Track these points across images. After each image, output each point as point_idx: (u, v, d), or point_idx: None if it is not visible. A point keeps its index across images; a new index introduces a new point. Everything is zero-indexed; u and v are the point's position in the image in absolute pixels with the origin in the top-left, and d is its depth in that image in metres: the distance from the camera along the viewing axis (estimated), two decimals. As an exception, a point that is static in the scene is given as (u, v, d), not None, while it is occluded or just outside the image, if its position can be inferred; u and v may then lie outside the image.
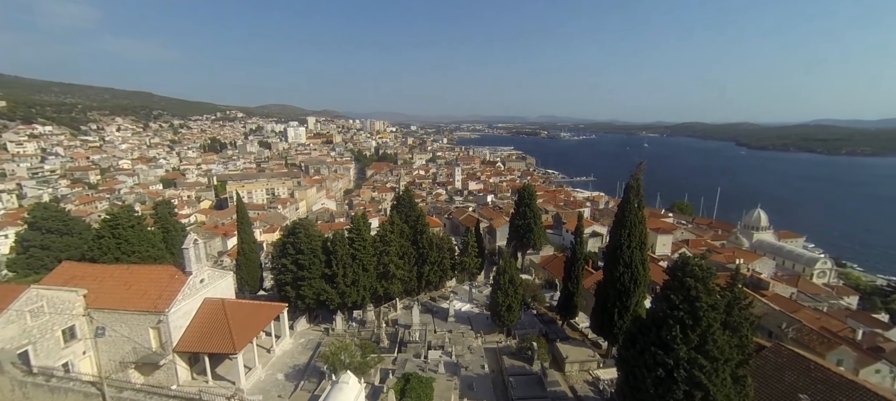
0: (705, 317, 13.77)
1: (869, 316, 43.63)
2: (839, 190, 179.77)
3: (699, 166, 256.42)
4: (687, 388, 13.56)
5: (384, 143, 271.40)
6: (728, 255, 58.11)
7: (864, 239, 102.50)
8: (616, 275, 21.89)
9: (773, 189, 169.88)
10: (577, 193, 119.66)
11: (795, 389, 18.37)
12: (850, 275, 68.18)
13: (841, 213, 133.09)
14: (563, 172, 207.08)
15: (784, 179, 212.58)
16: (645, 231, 22.13)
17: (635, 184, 21.40)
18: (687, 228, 77.55)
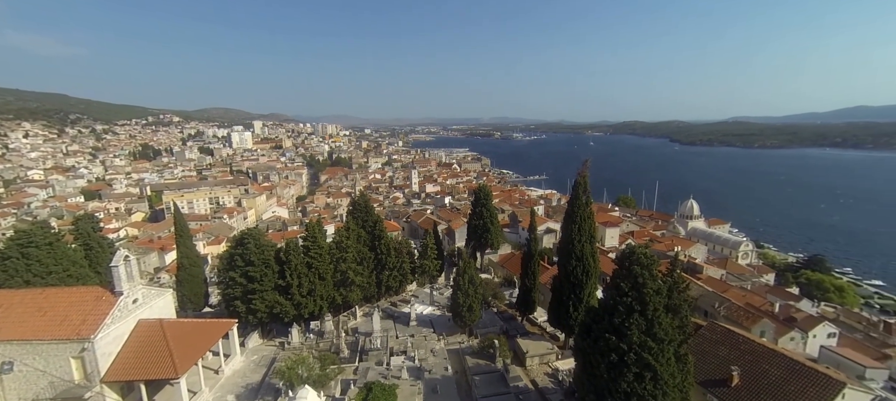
0: (652, 302, 14.74)
1: (783, 290, 49.50)
2: (755, 179, 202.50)
3: (639, 162, 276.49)
4: (637, 370, 14.44)
5: (338, 147, 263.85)
6: (667, 243, 63.14)
7: (776, 221, 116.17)
8: (569, 268, 22.87)
9: (702, 181, 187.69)
10: (530, 192, 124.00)
11: (728, 361, 20.29)
12: (767, 255, 76.88)
13: (757, 199, 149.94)
14: (517, 171, 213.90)
15: (710, 171, 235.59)
16: (594, 225, 23.34)
17: (582, 181, 22.51)
18: (631, 220, 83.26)
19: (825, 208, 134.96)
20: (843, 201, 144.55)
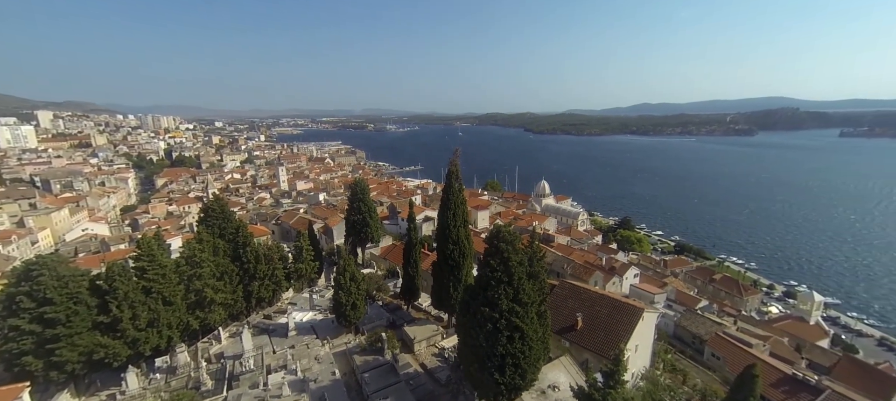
0: (516, 273, 16.94)
1: (607, 247, 62.97)
2: (586, 160, 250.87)
3: (502, 149, 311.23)
4: (509, 333, 16.49)
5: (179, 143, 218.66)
6: (527, 219, 73.08)
7: (600, 192, 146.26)
8: (447, 252, 24.41)
9: (551, 163, 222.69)
10: (408, 183, 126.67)
11: (574, 310, 24.87)
12: (595, 220, 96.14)
13: (588, 175, 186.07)
14: (394, 163, 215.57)
15: (556, 155, 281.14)
16: (466, 210, 25.36)
17: (454, 169, 24.13)
18: (498, 202, 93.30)
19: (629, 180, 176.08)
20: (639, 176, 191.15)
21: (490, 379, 16.64)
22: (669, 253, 75.99)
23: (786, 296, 59.04)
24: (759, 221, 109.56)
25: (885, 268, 73.15)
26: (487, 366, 16.65)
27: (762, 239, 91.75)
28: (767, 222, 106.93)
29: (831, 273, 72.02)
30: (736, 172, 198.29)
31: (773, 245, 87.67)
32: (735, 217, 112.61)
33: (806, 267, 75.04)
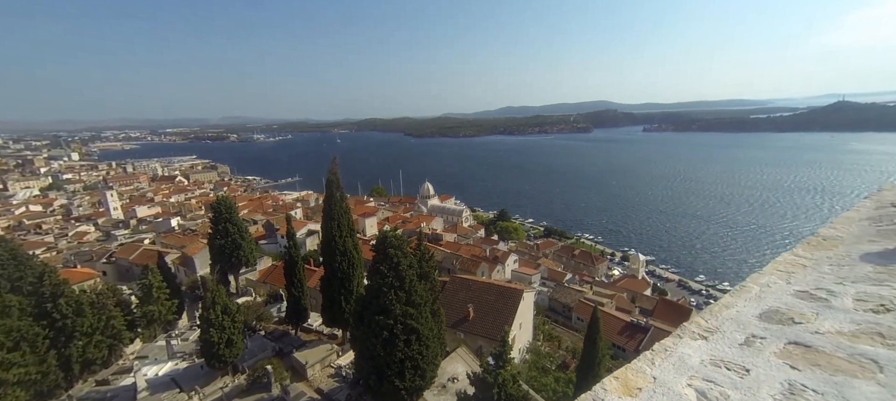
0: (407, 275, 17.02)
1: (490, 239, 68.69)
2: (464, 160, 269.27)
3: (385, 155, 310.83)
4: (405, 337, 16.47)
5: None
6: (415, 221, 74.43)
7: (479, 189, 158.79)
8: (335, 265, 23.09)
9: (433, 165, 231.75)
10: (285, 196, 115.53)
11: (465, 302, 26.36)
12: (478, 215, 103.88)
13: (467, 174, 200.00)
14: (267, 176, 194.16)
15: (437, 157, 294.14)
16: (351, 219, 24.42)
17: (333, 177, 22.98)
18: (385, 207, 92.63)
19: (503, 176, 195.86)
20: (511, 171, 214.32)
21: (390, 387, 16.36)
22: (540, 237, 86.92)
23: (622, 259, 73.73)
24: (602, 201, 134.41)
25: (679, 228, 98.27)
26: (387, 374, 16.32)
27: (605, 215, 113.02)
28: (607, 201, 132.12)
29: (648, 236, 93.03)
30: (582, 162, 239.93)
31: (612, 219, 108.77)
32: (585, 200, 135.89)
33: (633, 234, 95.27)
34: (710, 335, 1.61)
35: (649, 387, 1.31)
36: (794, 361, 1.37)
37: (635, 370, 1.41)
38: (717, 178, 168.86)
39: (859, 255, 2.24)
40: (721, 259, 75.79)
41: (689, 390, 1.28)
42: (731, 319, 1.72)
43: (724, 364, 1.40)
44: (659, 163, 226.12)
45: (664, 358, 1.47)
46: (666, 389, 1.30)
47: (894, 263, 2.01)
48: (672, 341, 1.59)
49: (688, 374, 1.36)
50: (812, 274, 2.08)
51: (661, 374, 1.38)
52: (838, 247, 2.41)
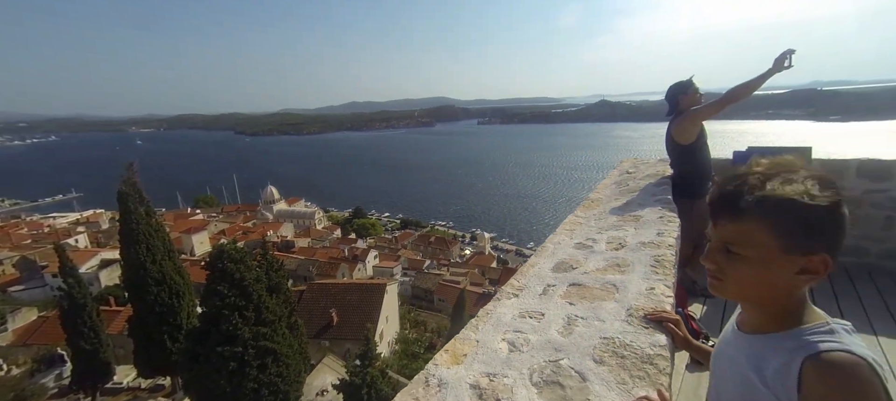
0: (255, 291, 14.94)
1: (347, 238, 66.50)
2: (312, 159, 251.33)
3: (213, 157, 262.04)
4: (260, 361, 14.50)
5: None
6: (260, 230, 65.57)
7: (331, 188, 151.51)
8: (150, 298, 18.36)
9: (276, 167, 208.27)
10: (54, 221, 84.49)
11: (327, 308, 24.93)
12: (333, 216, 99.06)
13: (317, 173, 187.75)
14: (17, 195, 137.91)
15: (280, 157, 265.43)
16: (168, 237, 19.83)
17: (131, 189, 18.15)
18: (218, 219, 78.46)
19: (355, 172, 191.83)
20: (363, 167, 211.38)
21: (245, 424, 14.23)
22: (398, 230, 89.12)
23: (472, 239, 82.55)
24: (451, 189, 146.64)
25: (513, 205, 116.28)
26: (239, 411, 14.10)
27: (454, 202, 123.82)
28: (455, 189, 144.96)
29: (491, 215, 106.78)
30: (430, 155, 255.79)
31: (461, 205, 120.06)
32: (436, 190, 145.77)
33: (479, 215, 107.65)
34: (520, 292, 1.89)
35: (473, 351, 1.45)
36: (571, 298, 1.74)
37: (462, 339, 1.55)
38: (536, 161, 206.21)
39: (610, 210, 3.04)
40: (543, 225, 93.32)
41: (503, 344, 1.47)
42: (535, 275, 2.07)
43: (528, 314, 1.66)
44: (494, 151, 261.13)
45: (486, 321, 1.66)
46: (486, 348, 1.46)
47: (627, 213, 2.84)
48: (492, 304, 1.81)
49: (502, 330, 1.57)
50: (585, 229, 2.71)
51: (483, 336, 1.55)
52: (599, 206, 3.22)
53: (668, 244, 2.17)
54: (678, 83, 3.59)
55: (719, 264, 0.84)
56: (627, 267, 1.95)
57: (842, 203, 0.78)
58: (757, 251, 0.78)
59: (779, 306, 0.83)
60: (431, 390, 1.29)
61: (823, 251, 0.78)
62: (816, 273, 0.79)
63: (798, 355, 0.74)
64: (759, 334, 0.85)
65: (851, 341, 0.74)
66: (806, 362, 0.73)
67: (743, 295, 0.87)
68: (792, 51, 3.00)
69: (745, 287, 0.84)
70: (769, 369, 0.78)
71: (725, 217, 0.82)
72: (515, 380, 1.27)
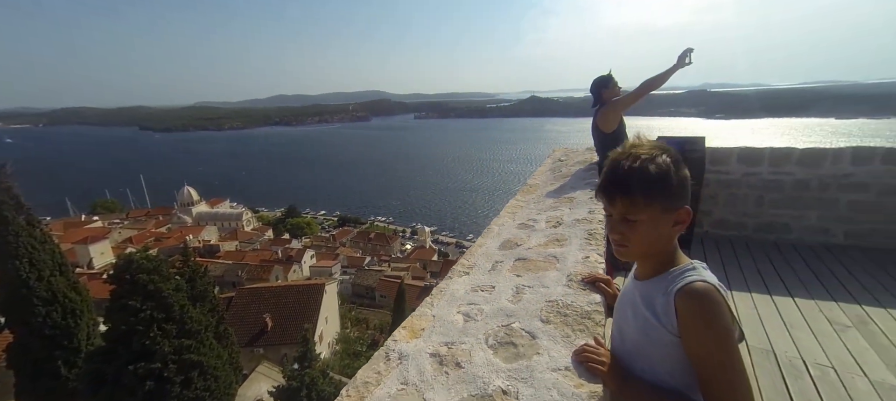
0: (176, 302, 13.43)
1: (280, 239, 62.49)
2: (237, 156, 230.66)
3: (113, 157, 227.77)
4: (183, 376, 13.12)
5: None
6: (178, 236, 58.72)
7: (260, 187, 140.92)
8: (37, 321, 15.56)
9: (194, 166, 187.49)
10: None
11: (260, 314, 23.28)
12: (262, 216, 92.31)
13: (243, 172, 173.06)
14: None
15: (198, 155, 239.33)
16: (57, 249, 16.95)
17: (5, 196, 15.20)
18: (124, 225, 68.60)
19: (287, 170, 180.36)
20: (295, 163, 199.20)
21: (169, 448, 12.81)
22: (335, 227, 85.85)
23: (412, 234, 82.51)
24: (390, 184, 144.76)
25: (453, 198, 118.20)
26: (160, 435, 12.64)
27: (394, 197, 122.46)
28: (394, 184, 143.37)
29: (431, 209, 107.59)
30: (368, 150, 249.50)
31: (400, 200, 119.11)
32: (375, 185, 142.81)
33: (419, 210, 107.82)
34: (471, 270, 2.00)
35: (430, 325, 1.52)
36: (518, 271, 1.88)
37: (419, 315, 1.61)
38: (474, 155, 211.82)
39: (546, 193, 3.29)
40: (482, 217, 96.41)
41: (459, 316, 1.56)
42: (483, 254, 2.19)
43: (480, 288, 1.77)
44: (432, 146, 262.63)
45: (440, 297, 1.73)
46: (443, 321, 1.53)
47: (562, 195, 3.11)
48: (446, 283, 1.89)
49: (457, 304, 1.65)
50: (526, 211, 2.91)
51: (439, 311, 1.62)
52: (537, 191, 3.46)
53: (599, 220, 2.43)
54: (599, 77, 3.98)
55: (623, 233, 1.04)
56: (565, 241, 2.16)
57: (680, 163, 1.01)
58: (647, 215, 0.99)
59: (663, 255, 1.06)
60: (392, 364, 1.33)
61: (685, 204, 1.01)
62: (684, 222, 1.02)
63: (672, 289, 0.97)
64: (649, 279, 1.08)
65: (706, 274, 0.97)
66: (677, 294, 0.95)
67: (643, 253, 1.08)
68: (691, 49, 3.49)
69: (644, 246, 1.05)
70: (658, 306, 1.00)
71: (618, 196, 1.02)
72: (472, 345, 1.36)
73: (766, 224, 5.41)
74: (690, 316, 0.92)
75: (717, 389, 0.89)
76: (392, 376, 1.28)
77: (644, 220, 1.00)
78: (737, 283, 4.22)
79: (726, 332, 0.89)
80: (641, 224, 1.01)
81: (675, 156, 1.02)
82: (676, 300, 0.94)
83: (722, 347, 0.89)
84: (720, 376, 0.88)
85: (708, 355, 0.90)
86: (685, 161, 1.04)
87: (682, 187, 1.01)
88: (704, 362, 0.91)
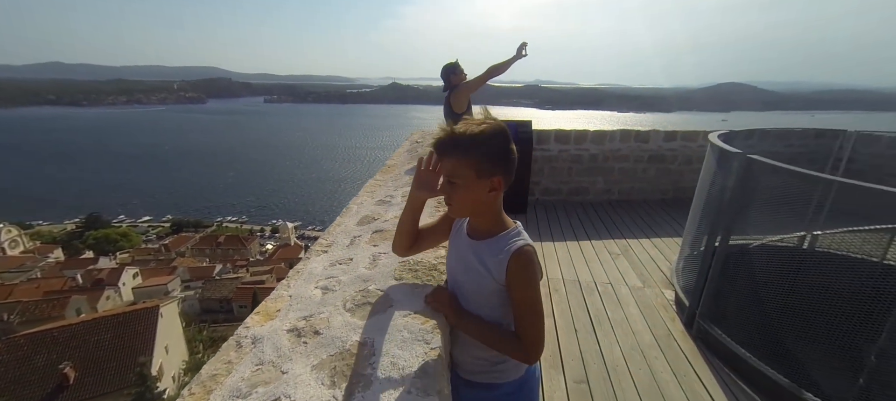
0: None
1: (78, 259, 47.68)
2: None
3: None
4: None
5: None
6: None
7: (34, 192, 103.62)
8: None
9: None
10: None
11: (53, 364, 17.56)
12: (41, 232, 68.57)
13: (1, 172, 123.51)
14: None
15: None
16: None
17: None
18: None
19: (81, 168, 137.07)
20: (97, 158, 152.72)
21: None
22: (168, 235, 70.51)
23: (273, 233, 74.33)
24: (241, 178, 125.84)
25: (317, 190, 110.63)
26: None
27: (246, 193, 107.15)
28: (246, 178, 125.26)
29: (293, 203, 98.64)
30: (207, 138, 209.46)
31: (255, 195, 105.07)
32: (220, 180, 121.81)
33: (279, 205, 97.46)
34: (330, 248, 2.02)
35: (287, 304, 1.50)
36: (375, 242, 2.00)
37: (274, 297, 1.57)
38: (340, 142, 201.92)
39: (404, 172, 3.50)
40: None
41: (317, 291, 1.58)
42: (342, 231, 2.23)
43: (339, 262, 1.82)
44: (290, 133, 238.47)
45: (298, 277, 1.72)
46: (300, 298, 1.53)
47: (416, 172, 3.37)
48: (302, 263, 1.87)
49: (315, 280, 1.67)
50: (384, 189, 3.04)
51: (296, 289, 1.61)
52: (395, 170, 3.64)
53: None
54: (448, 64, 4.38)
55: (448, 193, 1.21)
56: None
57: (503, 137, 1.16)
58: (463, 180, 1.16)
59: (488, 216, 1.25)
60: (245, 350, 1.28)
61: (499, 174, 1.17)
62: (498, 190, 1.19)
63: (506, 250, 1.18)
64: (481, 239, 1.27)
65: (526, 237, 1.23)
66: (512, 256, 1.17)
67: (465, 212, 1.27)
68: (526, 43, 4.16)
69: (464, 206, 1.23)
70: (491, 263, 1.21)
71: (444, 157, 1.18)
72: (331, 312, 1.41)
73: (575, 189, 6.97)
74: (519, 272, 1.16)
75: (527, 321, 1.20)
76: (245, 361, 1.23)
77: (460, 183, 1.16)
78: (557, 235, 5.39)
79: (537, 282, 1.19)
80: (460, 187, 1.17)
81: (500, 130, 1.15)
82: (510, 260, 1.16)
83: (535, 293, 1.19)
84: (530, 313, 1.19)
85: (525, 299, 1.18)
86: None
87: (499, 158, 1.16)
88: (522, 304, 1.19)
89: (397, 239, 1.50)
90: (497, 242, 1.22)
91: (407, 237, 1.48)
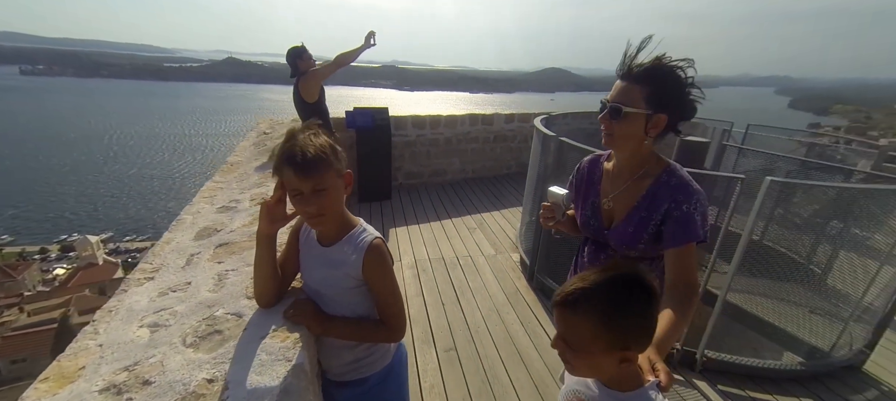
0: None
1: None
2: None
3: None
4: None
5: None
6: None
7: None
8: None
9: None
10: None
11: None
12: None
13: None
14: None
15: None
16: None
17: None
18: None
19: None
20: None
21: None
22: None
23: (65, 251, 56.09)
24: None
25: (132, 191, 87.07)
26: None
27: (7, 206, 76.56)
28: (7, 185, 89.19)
29: (94, 211, 75.79)
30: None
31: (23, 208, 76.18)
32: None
33: (69, 216, 73.39)
34: (157, 273, 1.69)
35: (95, 357, 1.21)
36: (220, 258, 1.76)
37: (74, 352, 1.24)
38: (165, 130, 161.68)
39: (253, 169, 3.11)
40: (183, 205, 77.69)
41: (143, 331, 1.32)
42: (173, 250, 1.88)
43: (171, 290, 1.54)
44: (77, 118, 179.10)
45: (110, 319, 1.39)
46: (117, 345, 1.26)
47: (266, 171, 3.03)
48: (116, 300, 1.52)
49: (138, 317, 1.39)
50: (227, 192, 2.66)
51: (109, 336, 1.30)
52: (240, 168, 3.20)
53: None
54: (293, 48, 4.01)
55: (319, 204, 1.23)
56: (271, 215, 2.18)
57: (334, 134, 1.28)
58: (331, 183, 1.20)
59: (341, 218, 1.29)
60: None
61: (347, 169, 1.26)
62: (350, 184, 1.27)
63: (360, 247, 1.26)
64: (333, 243, 1.29)
65: (372, 230, 1.31)
66: (366, 251, 1.25)
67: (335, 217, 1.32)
68: (374, 33, 4.09)
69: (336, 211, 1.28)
70: (348, 263, 1.26)
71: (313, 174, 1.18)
72: (166, 353, 1.19)
73: (434, 171, 7.42)
74: (375, 265, 1.25)
75: (390, 307, 1.31)
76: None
77: (329, 187, 1.18)
78: (422, 216, 5.69)
79: (391, 268, 1.31)
80: (330, 191, 1.18)
81: (328, 129, 1.25)
82: (365, 255, 1.24)
83: (391, 279, 1.30)
84: (391, 300, 1.30)
85: (384, 288, 1.29)
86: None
87: (343, 155, 1.25)
88: (383, 292, 1.29)
89: (261, 289, 1.36)
90: (348, 241, 1.28)
91: (271, 283, 1.35)
